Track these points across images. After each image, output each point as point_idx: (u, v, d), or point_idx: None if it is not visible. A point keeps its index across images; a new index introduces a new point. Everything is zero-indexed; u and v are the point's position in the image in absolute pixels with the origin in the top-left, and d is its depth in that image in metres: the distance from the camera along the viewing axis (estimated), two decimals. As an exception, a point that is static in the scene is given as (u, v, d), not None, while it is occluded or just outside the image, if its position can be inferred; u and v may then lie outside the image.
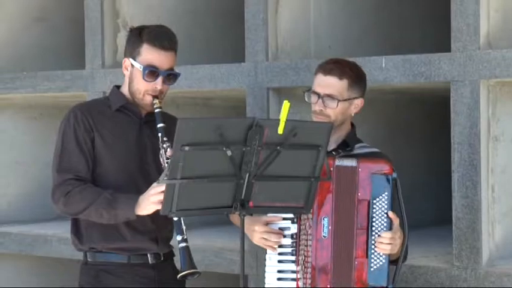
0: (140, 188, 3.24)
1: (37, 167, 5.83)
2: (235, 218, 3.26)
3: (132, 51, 3.34)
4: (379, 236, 3.14)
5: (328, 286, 3.16)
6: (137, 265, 3.38)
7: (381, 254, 3.15)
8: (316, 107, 3.31)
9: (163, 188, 3.07)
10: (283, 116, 2.93)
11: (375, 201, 3.16)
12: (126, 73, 3.38)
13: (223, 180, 2.95)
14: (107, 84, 4.92)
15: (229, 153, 2.89)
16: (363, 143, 3.44)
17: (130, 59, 3.34)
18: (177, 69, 4.72)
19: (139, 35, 3.33)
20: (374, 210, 3.16)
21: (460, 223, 3.82)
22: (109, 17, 5.08)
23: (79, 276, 3.45)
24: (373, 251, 3.15)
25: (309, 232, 3.18)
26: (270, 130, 2.92)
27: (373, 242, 3.14)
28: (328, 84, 3.30)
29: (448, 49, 3.91)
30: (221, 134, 2.87)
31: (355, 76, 3.34)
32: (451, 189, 3.85)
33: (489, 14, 3.84)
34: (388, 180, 3.17)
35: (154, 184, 3.14)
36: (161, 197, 3.08)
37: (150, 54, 3.30)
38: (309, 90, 3.36)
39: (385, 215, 3.15)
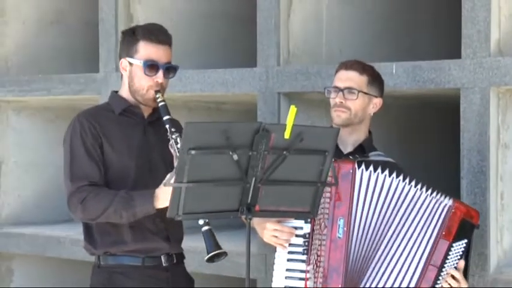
0: (149, 189, 3.24)
1: (52, 169, 5.87)
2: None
3: (128, 50, 3.37)
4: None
5: (340, 287, 3.17)
6: (151, 267, 3.39)
7: None
8: (337, 99, 3.41)
9: None
10: (289, 120, 2.94)
11: (454, 245, 3.19)
12: (125, 73, 3.40)
13: (230, 184, 2.96)
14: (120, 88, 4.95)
15: (235, 157, 2.90)
16: (377, 151, 3.46)
17: (128, 58, 3.36)
18: (188, 73, 4.81)
19: (133, 34, 3.37)
20: (450, 253, 3.18)
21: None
22: (123, 20, 5.11)
23: (90, 278, 3.46)
24: None
25: (323, 232, 3.20)
26: (277, 135, 2.93)
27: (438, 282, 3.17)
28: (349, 77, 3.42)
29: (459, 56, 3.91)
30: (227, 138, 2.87)
31: (374, 75, 3.48)
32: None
33: (500, 21, 3.83)
34: (472, 229, 3.23)
35: (169, 175, 3.12)
36: None
37: (147, 49, 3.33)
38: (329, 87, 3.47)
39: (457, 262, 3.20)
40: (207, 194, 2.96)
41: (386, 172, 3.21)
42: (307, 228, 3.23)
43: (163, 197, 3.16)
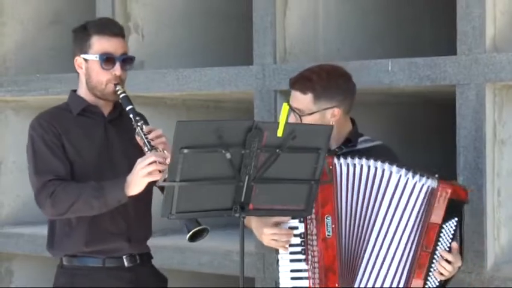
0: None
1: (51, 168, 5.87)
2: (248, 221, 3.27)
3: (81, 47, 3.32)
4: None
5: (336, 285, 3.16)
6: (112, 268, 3.36)
7: (437, 279, 3.14)
8: (291, 119, 3.27)
9: (150, 159, 3.10)
10: (282, 118, 2.93)
11: (444, 226, 3.14)
12: (81, 71, 3.35)
13: (223, 182, 2.95)
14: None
15: (228, 155, 2.89)
16: (365, 136, 3.41)
17: (82, 55, 3.32)
18: (185, 72, 4.81)
19: (85, 30, 3.33)
20: (441, 234, 3.14)
21: (465, 227, 3.80)
22: (120, 19, 5.09)
23: (54, 279, 3.45)
24: (431, 274, 3.14)
25: (313, 232, 3.19)
26: (270, 133, 2.91)
27: (433, 265, 3.14)
28: (295, 97, 3.31)
29: (455, 52, 3.90)
30: (220, 136, 2.86)
31: (322, 88, 3.27)
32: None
33: (495, 17, 3.82)
34: (461, 206, 3.16)
35: (139, 160, 3.12)
36: (150, 168, 3.10)
37: (102, 43, 3.29)
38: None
39: (450, 242, 3.15)
40: (200, 193, 2.95)
41: (363, 161, 3.15)
42: (301, 227, 3.22)
43: (135, 182, 3.13)
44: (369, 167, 3.17)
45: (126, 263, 3.37)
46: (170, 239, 4.84)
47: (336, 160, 3.18)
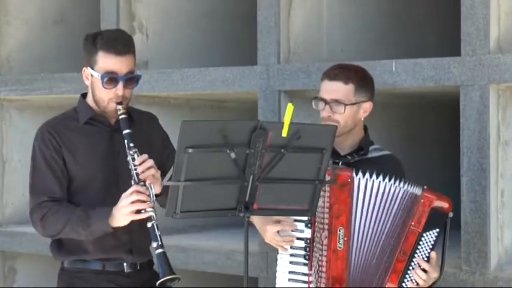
0: (116, 199, 3.20)
1: (55, 167, 5.87)
2: (253, 219, 3.28)
3: (89, 60, 3.27)
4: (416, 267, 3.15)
5: None
6: (112, 273, 3.36)
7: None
8: (324, 113, 3.29)
9: (132, 198, 3.13)
10: (287, 118, 2.94)
11: (424, 235, 3.15)
12: (88, 83, 3.32)
13: (227, 182, 2.95)
14: (121, 86, 4.94)
15: (233, 155, 2.90)
16: (375, 145, 3.43)
17: (89, 69, 3.28)
18: (189, 72, 4.82)
19: (93, 43, 3.26)
20: (421, 243, 3.15)
21: (468, 227, 3.82)
22: (125, 19, 5.12)
23: (57, 281, 3.45)
24: (406, 281, 3.15)
25: (324, 242, 3.18)
26: (274, 133, 2.92)
27: (409, 272, 3.15)
28: (334, 89, 3.28)
29: (459, 53, 3.90)
30: (225, 136, 2.87)
31: (361, 80, 3.30)
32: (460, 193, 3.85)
33: (500, 18, 3.83)
34: (443, 218, 3.16)
35: (123, 195, 3.15)
36: (133, 207, 3.13)
37: (106, 61, 3.22)
38: (316, 97, 3.34)
39: (429, 251, 3.15)
40: (204, 193, 2.96)
41: (381, 178, 3.17)
42: (307, 233, 3.21)
43: (118, 218, 3.16)
44: (385, 185, 3.17)
45: (126, 269, 3.36)
46: (173, 239, 4.84)
47: (354, 174, 3.17)
